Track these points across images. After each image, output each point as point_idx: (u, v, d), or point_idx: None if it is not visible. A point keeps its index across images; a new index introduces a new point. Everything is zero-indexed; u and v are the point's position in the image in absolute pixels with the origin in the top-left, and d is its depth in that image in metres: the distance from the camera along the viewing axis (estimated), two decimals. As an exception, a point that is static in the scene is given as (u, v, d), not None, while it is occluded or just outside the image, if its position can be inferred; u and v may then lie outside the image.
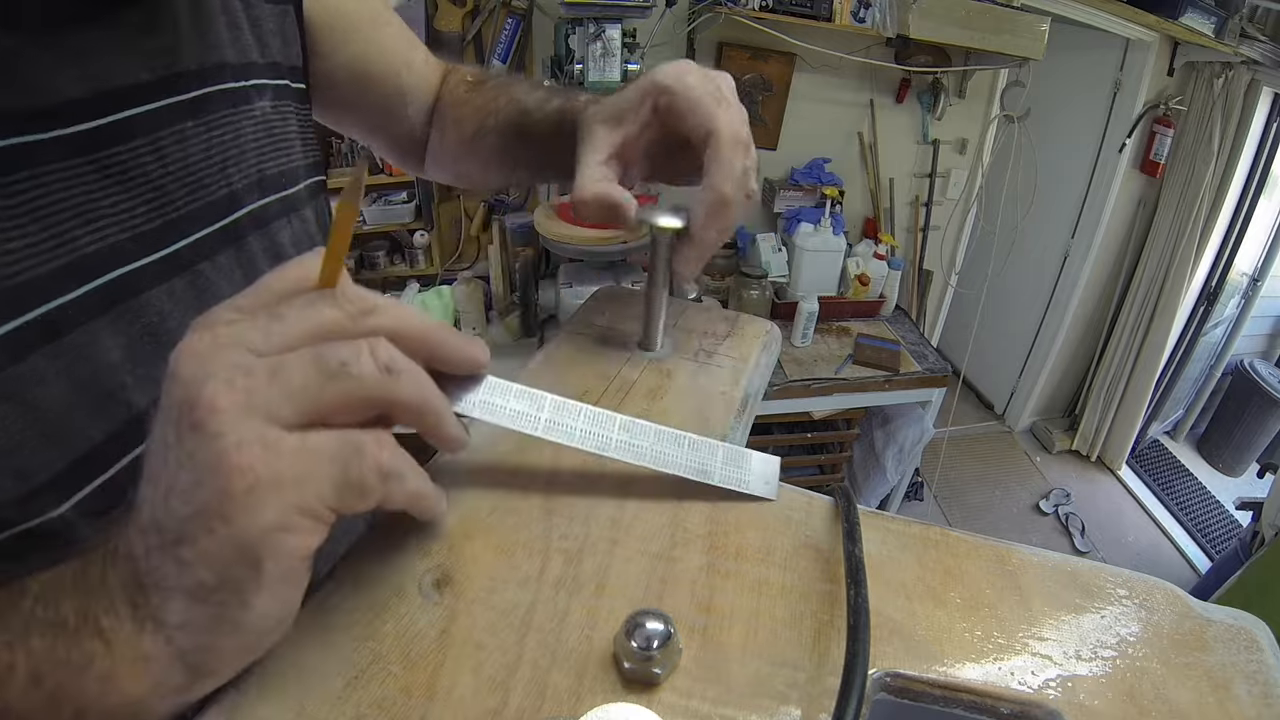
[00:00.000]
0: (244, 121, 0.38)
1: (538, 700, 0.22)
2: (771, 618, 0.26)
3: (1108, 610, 0.27)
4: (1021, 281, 2.72)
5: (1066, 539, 2.44)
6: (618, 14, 1.35)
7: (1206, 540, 2.46)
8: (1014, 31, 1.71)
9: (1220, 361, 2.80)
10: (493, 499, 0.30)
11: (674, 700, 0.23)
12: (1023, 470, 2.77)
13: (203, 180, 0.35)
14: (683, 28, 1.75)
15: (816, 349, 1.82)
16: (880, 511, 0.31)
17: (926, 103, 2.09)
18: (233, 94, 0.37)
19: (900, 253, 2.25)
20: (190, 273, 0.34)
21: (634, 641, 0.22)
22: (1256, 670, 0.25)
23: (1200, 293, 2.49)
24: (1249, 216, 2.37)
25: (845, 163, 2.12)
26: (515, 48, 1.63)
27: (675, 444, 0.31)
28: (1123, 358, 2.59)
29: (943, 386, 1.83)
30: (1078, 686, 0.24)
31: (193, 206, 0.34)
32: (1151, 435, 2.87)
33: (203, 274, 0.35)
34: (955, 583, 0.28)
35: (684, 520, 0.29)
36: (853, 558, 0.26)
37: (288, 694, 0.22)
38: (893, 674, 0.24)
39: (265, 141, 0.39)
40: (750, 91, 1.91)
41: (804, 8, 1.66)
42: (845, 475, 2.17)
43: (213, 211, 0.36)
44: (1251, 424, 2.71)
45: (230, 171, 0.37)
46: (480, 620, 0.24)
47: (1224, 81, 2.11)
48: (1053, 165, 2.29)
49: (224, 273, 0.36)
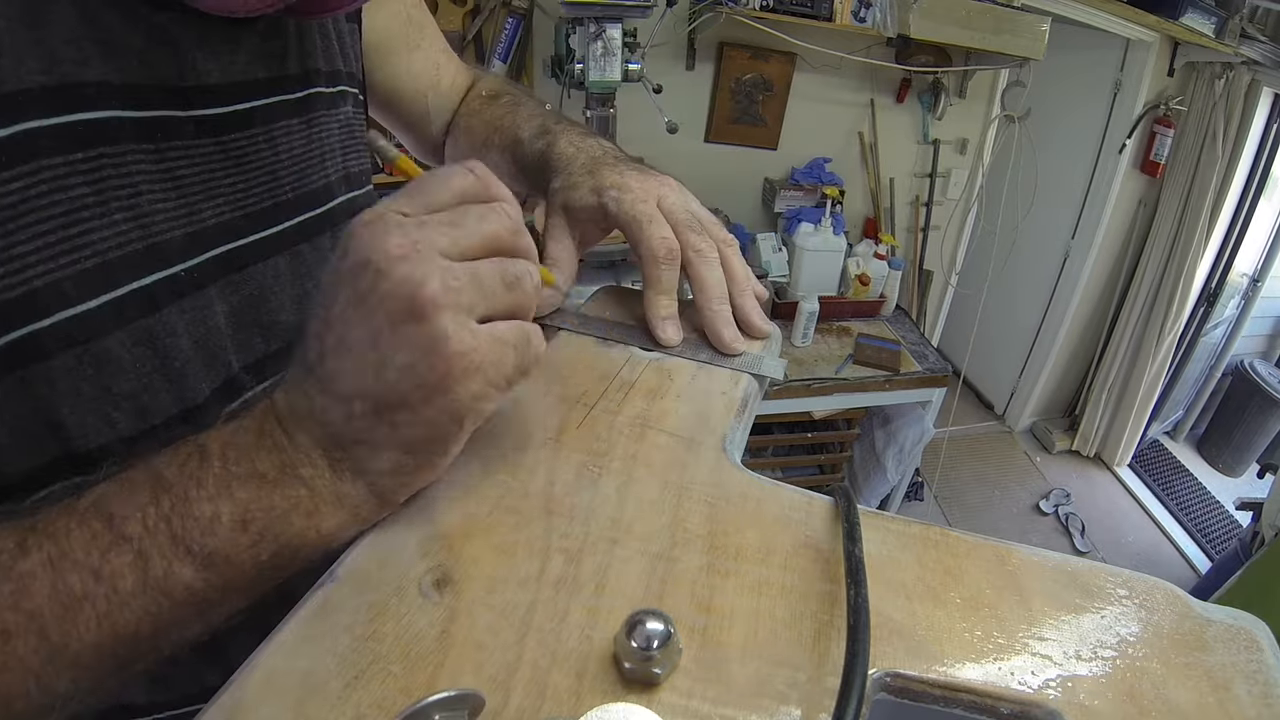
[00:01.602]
0: (333, 123, 0.42)
1: (538, 700, 0.22)
2: (771, 618, 0.26)
3: (1108, 610, 0.27)
4: (1021, 281, 2.72)
5: (1066, 539, 2.44)
6: (618, 14, 1.35)
7: (1206, 540, 2.46)
8: (1014, 31, 1.71)
9: (1220, 362, 2.80)
10: (493, 499, 0.30)
11: (674, 700, 0.23)
12: (1023, 470, 2.77)
13: (305, 170, 0.39)
14: (683, 27, 1.75)
15: (817, 349, 1.82)
16: (880, 511, 0.31)
17: (927, 103, 2.09)
18: (326, 97, 0.41)
19: (900, 253, 2.25)
20: (291, 252, 0.38)
21: (634, 641, 0.22)
22: (1256, 670, 0.25)
23: (1200, 293, 2.49)
24: (1249, 217, 2.37)
25: (845, 163, 2.12)
26: (515, 47, 1.63)
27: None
28: (1123, 358, 2.59)
29: (943, 386, 1.83)
30: (1078, 686, 0.24)
31: (299, 192, 0.38)
32: (1151, 435, 2.87)
33: (301, 254, 0.39)
34: (955, 583, 0.28)
35: (684, 520, 0.29)
36: (853, 558, 0.26)
37: (288, 694, 0.22)
38: (893, 674, 0.24)
39: (349, 142, 0.44)
40: (750, 91, 1.91)
41: (804, 8, 1.66)
42: (845, 475, 2.17)
43: (313, 199, 0.40)
44: (1251, 424, 2.71)
45: (326, 165, 0.41)
46: (480, 620, 0.24)
47: (1224, 82, 2.11)
48: (1053, 165, 2.29)
49: (321, 254, 0.40)
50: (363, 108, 0.47)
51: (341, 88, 0.43)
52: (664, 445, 0.33)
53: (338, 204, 0.42)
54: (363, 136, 0.46)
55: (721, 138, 1.99)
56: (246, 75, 0.34)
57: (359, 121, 0.46)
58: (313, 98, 0.39)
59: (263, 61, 0.35)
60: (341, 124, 0.43)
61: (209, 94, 0.32)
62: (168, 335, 0.30)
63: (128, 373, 0.29)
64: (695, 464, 0.32)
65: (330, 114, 0.41)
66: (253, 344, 0.37)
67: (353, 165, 0.44)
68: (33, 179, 0.25)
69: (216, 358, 0.34)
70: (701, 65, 1.86)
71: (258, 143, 0.35)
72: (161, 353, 0.30)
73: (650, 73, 1.48)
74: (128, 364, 0.29)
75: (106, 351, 0.28)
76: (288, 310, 0.38)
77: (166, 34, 0.29)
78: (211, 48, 0.31)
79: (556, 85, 1.63)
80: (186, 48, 0.30)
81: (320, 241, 0.40)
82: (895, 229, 2.25)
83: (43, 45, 0.25)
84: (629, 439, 0.34)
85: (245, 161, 0.34)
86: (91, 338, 0.27)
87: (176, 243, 0.31)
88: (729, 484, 0.32)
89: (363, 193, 0.45)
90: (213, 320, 0.33)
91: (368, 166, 0.47)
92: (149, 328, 0.30)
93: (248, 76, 0.34)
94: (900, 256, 2.17)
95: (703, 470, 0.32)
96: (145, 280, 0.29)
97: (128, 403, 0.29)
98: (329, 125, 0.41)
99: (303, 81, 0.38)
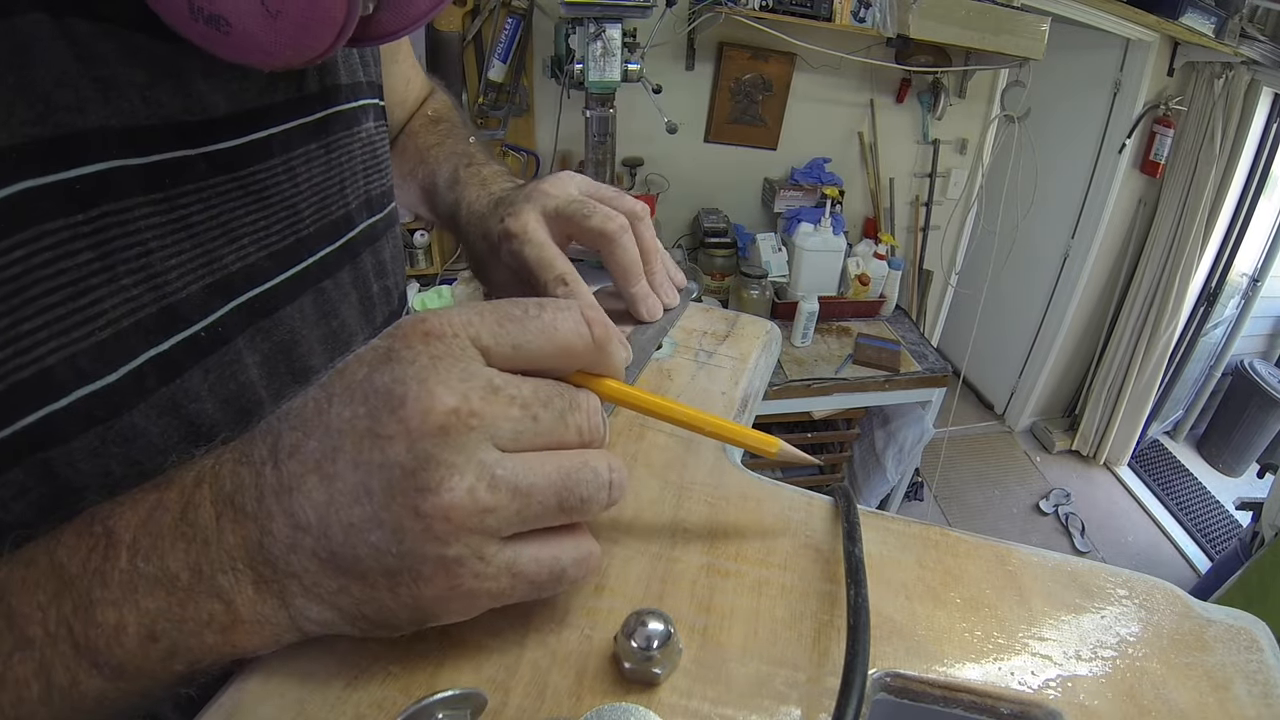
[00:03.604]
0: (354, 144, 0.39)
1: (538, 700, 0.22)
2: (771, 618, 0.26)
3: (1108, 610, 0.27)
4: (1021, 281, 2.72)
5: (1066, 539, 2.44)
6: (618, 14, 1.34)
7: (1206, 540, 2.46)
8: (1014, 31, 1.71)
9: (1220, 362, 2.80)
10: (493, 499, 0.30)
11: (674, 700, 0.23)
12: (1022, 470, 2.77)
13: (325, 200, 0.36)
14: (683, 27, 1.75)
15: (816, 349, 1.82)
16: (880, 511, 0.31)
17: (926, 103, 2.09)
18: (347, 116, 0.38)
19: (900, 253, 2.25)
20: (315, 290, 0.35)
21: (634, 641, 0.22)
22: (1256, 670, 0.25)
23: (1200, 293, 2.49)
24: (1249, 217, 2.37)
25: (845, 162, 2.12)
26: (515, 47, 1.63)
27: None
28: (1123, 358, 2.59)
29: (943, 386, 1.83)
30: (1078, 686, 0.24)
31: (319, 225, 0.35)
32: (1151, 435, 2.87)
33: (325, 291, 0.36)
34: (955, 583, 0.28)
35: (684, 520, 0.29)
36: (853, 558, 0.26)
37: (288, 694, 0.22)
38: (893, 674, 0.24)
39: (370, 162, 0.41)
40: (750, 91, 1.91)
41: (804, 8, 1.66)
42: (845, 475, 2.17)
43: (334, 230, 0.37)
44: (1251, 424, 2.71)
45: (346, 191, 0.38)
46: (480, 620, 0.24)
47: (1224, 81, 2.11)
48: (1053, 165, 2.29)
49: (343, 290, 0.38)
50: (384, 118, 0.44)
51: (363, 101, 0.40)
52: (664, 445, 0.33)
53: (358, 232, 0.39)
54: (385, 153, 0.43)
55: (721, 138, 1.99)
56: (260, 101, 0.31)
57: (381, 137, 0.43)
58: (331, 118, 0.36)
59: (277, 84, 0.32)
60: (363, 143, 0.40)
61: (219, 126, 0.29)
62: (191, 401, 0.28)
63: (157, 446, 0.27)
64: (695, 464, 0.32)
65: (351, 134, 0.38)
66: (287, 393, 0.32)
67: (374, 188, 0.41)
68: (34, 245, 0.22)
69: (250, 414, 0.31)
70: (701, 65, 1.86)
71: (277, 174, 0.32)
72: (187, 420, 0.28)
73: (650, 73, 1.48)
74: (156, 437, 0.27)
75: (132, 427, 0.26)
76: (317, 354, 0.36)
77: (170, 66, 0.26)
78: (218, 75, 0.28)
79: (556, 85, 1.63)
80: (190, 78, 0.27)
81: (341, 277, 0.38)
82: (895, 229, 2.25)
83: (33, 90, 0.22)
84: (629, 439, 0.34)
85: (266, 196, 0.31)
86: (114, 414, 0.25)
87: (195, 298, 0.28)
88: (729, 484, 0.32)
89: (383, 215, 0.43)
90: (243, 375, 0.31)
91: (389, 187, 0.44)
92: (171, 396, 0.27)
93: (261, 102, 0.31)
94: (900, 256, 2.17)
95: (703, 470, 0.32)
96: (163, 346, 0.27)
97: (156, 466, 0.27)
98: (350, 147, 0.38)
99: (322, 100, 0.35)
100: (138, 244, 0.26)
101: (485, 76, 1.64)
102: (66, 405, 0.24)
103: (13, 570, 0.21)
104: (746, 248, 1.98)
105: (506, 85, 1.68)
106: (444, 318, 0.21)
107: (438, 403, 0.19)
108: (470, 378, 0.20)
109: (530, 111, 1.78)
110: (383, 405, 0.20)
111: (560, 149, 1.85)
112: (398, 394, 0.19)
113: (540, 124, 1.82)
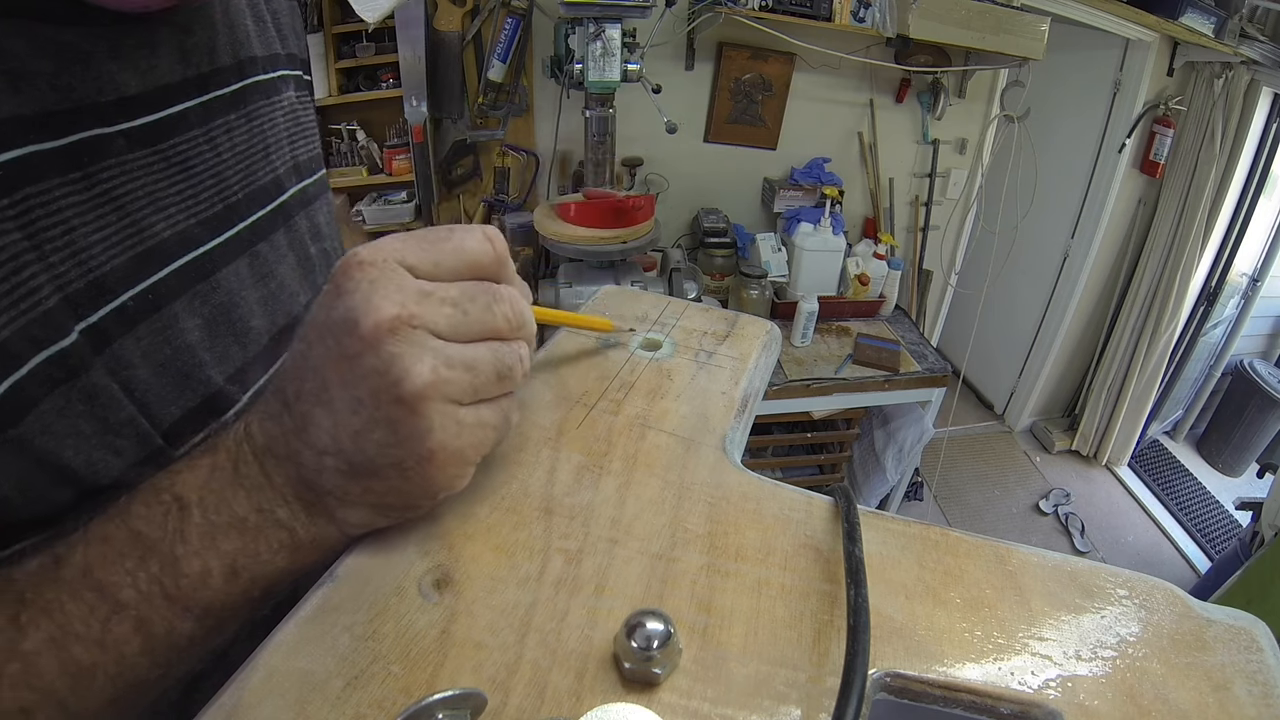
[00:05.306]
0: (276, 112, 0.40)
1: (538, 700, 0.22)
2: (771, 618, 0.26)
3: (1108, 610, 0.27)
4: (1021, 281, 2.72)
5: (1066, 539, 2.44)
6: (618, 14, 1.34)
7: (1206, 540, 2.46)
8: (1014, 31, 1.71)
9: (1220, 362, 2.80)
10: (493, 499, 0.30)
11: (674, 700, 0.23)
12: (1022, 470, 2.77)
13: (251, 167, 0.37)
14: (683, 27, 1.75)
15: (816, 349, 1.82)
16: (880, 511, 0.31)
17: (926, 103, 2.09)
18: (265, 86, 0.39)
19: (900, 253, 2.25)
20: (250, 254, 0.37)
21: (634, 641, 0.22)
22: (1256, 670, 0.25)
23: (1200, 293, 2.49)
24: (1249, 216, 2.37)
25: (845, 163, 2.12)
26: (515, 47, 1.63)
27: None
28: (1123, 357, 2.59)
29: (942, 386, 1.83)
30: (1078, 686, 0.24)
31: (248, 190, 0.37)
32: (1151, 435, 2.87)
33: (260, 254, 0.38)
34: (955, 583, 0.28)
35: (684, 520, 0.29)
36: (853, 558, 0.26)
37: (288, 694, 0.22)
38: (893, 674, 0.24)
39: (294, 129, 0.42)
40: (750, 91, 1.91)
41: (804, 8, 1.66)
42: (845, 475, 2.17)
43: (264, 195, 0.38)
44: (1251, 424, 2.71)
45: (272, 157, 0.39)
46: (480, 620, 0.24)
47: (1224, 81, 2.11)
48: (1053, 165, 2.29)
49: (279, 252, 0.39)
50: (307, 89, 0.45)
51: (281, 72, 0.41)
52: (664, 445, 0.33)
53: (289, 196, 0.41)
54: (309, 121, 0.44)
55: (721, 138, 1.99)
56: (172, 77, 0.32)
57: (304, 106, 0.44)
58: (249, 89, 0.37)
59: (189, 60, 0.33)
60: (285, 111, 0.41)
61: (133, 104, 0.30)
62: (124, 369, 0.29)
63: (118, 401, 0.28)
64: (695, 464, 0.32)
65: (271, 102, 0.39)
66: (230, 353, 0.35)
67: (301, 154, 0.43)
68: None
69: (190, 376, 0.32)
70: (701, 65, 1.86)
71: (199, 145, 0.33)
72: (124, 387, 0.29)
73: (649, 73, 1.48)
74: (117, 393, 0.28)
75: (92, 385, 0.27)
76: (257, 315, 0.37)
77: (77, 51, 0.27)
78: (126, 57, 0.29)
79: (556, 85, 1.63)
80: (99, 61, 0.28)
81: (276, 239, 0.39)
82: (895, 229, 2.25)
83: None
84: (629, 439, 0.34)
85: (190, 166, 0.33)
86: (73, 374, 0.26)
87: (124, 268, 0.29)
88: (729, 484, 0.32)
89: (314, 180, 0.44)
90: (182, 338, 0.32)
91: (317, 152, 0.45)
92: (102, 365, 0.28)
93: (173, 78, 0.32)
94: (900, 256, 2.17)
95: (703, 470, 0.32)
96: (92, 318, 0.28)
97: (128, 429, 0.29)
98: (271, 115, 0.39)
99: (237, 73, 0.36)
100: (60, 222, 0.27)
101: (485, 76, 1.64)
102: (27, 373, 0.25)
103: (89, 549, 0.24)
104: (746, 248, 1.98)
105: (506, 85, 1.68)
106: (374, 249, 0.25)
107: (383, 314, 0.23)
108: (404, 289, 0.24)
109: (530, 111, 1.78)
110: (344, 331, 0.24)
111: (560, 149, 1.85)
112: (351, 319, 0.23)
113: (540, 124, 1.82)
